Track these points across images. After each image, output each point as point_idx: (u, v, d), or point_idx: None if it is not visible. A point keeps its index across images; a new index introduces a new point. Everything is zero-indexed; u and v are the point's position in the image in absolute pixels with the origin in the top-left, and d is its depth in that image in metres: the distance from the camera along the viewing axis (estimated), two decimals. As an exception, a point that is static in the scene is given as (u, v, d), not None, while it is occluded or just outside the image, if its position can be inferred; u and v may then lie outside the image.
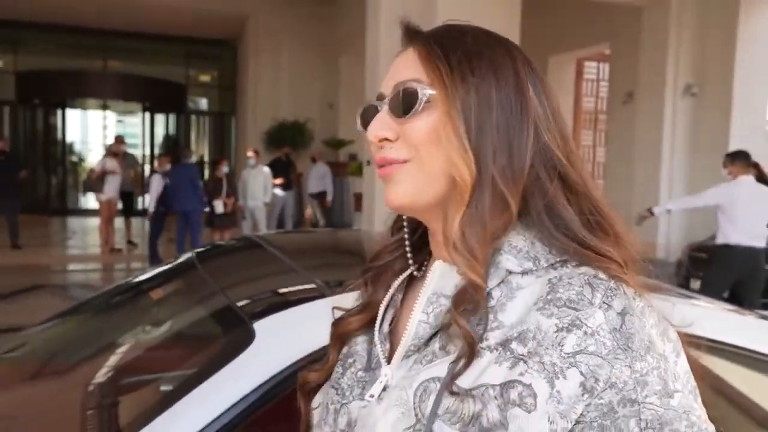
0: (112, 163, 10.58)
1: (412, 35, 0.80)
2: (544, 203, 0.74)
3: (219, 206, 9.49)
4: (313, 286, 1.52)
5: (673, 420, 0.67)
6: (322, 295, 1.33)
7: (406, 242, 0.85)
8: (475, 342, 0.69)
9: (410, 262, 0.85)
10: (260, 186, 10.52)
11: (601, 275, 0.71)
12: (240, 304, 1.44)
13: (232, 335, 1.34)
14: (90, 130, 20.73)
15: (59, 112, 17.35)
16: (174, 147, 16.65)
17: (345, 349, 0.86)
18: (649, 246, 6.18)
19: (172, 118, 18.26)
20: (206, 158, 18.25)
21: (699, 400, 0.72)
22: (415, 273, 0.84)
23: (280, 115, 14.50)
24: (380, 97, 0.79)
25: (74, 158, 18.82)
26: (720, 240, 5.87)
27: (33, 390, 1.84)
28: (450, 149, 0.72)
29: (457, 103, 0.72)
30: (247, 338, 1.22)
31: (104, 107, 18.53)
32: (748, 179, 5.87)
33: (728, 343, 1.55)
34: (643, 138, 10.35)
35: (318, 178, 12.65)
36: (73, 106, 18.26)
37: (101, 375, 1.74)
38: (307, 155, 13.78)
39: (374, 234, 3.47)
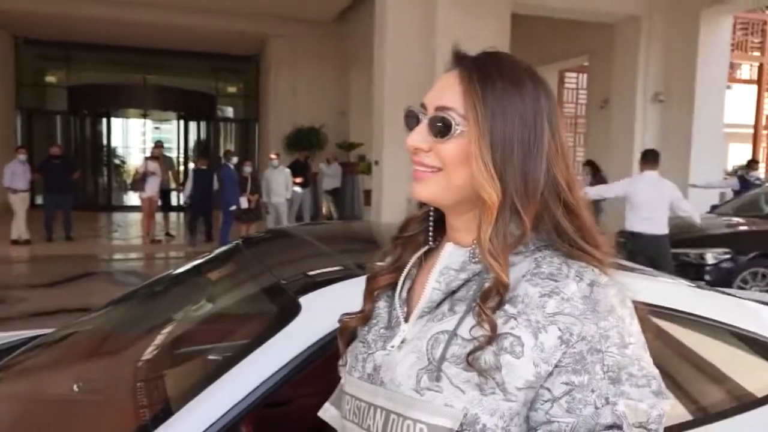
0: (153, 165, 10.69)
1: (458, 60, 0.84)
2: (552, 224, 0.82)
3: (243, 202, 9.60)
4: (341, 267, 1.62)
5: (627, 365, 0.77)
6: (354, 275, 1.42)
7: (430, 221, 0.92)
8: (496, 327, 0.77)
9: (430, 238, 0.92)
10: (282, 184, 10.61)
11: (575, 256, 0.81)
12: (285, 282, 1.53)
13: (281, 308, 1.43)
14: (131, 137, 20.81)
15: (104, 121, 17.41)
16: (206, 149, 16.77)
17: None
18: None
19: (203, 125, 18.29)
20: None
21: (648, 352, 0.81)
22: (431, 245, 0.92)
23: (297, 121, 14.57)
24: (423, 107, 0.85)
25: (117, 161, 18.90)
26: (626, 227, 5.87)
27: (101, 362, 1.94)
28: (479, 176, 0.78)
29: (487, 140, 0.79)
30: (295, 310, 1.32)
31: (144, 116, 18.62)
32: (650, 174, 5.87)
33: (675, 309, 1.67)
34: (618, 139, 10.39)
35: (332, 177, 12.81)
36: (116, 116, 18.32)
37: (163, 348, 1.83)
38: (322, 157, 13.86)
39: (382, 225, 3.58)
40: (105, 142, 17.54)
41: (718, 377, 1.88)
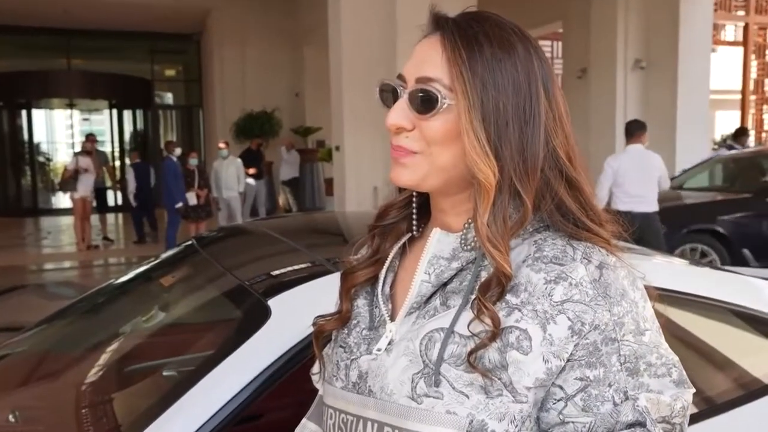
0: (86, 161, 10.43)
1: (438, 23, 0.81)
2: (555, 202, 0.80)
3: (192, 198, 9.45)
4: (311, 264, 1.59)
5: (645, 353, 0.76)
6: (327, 271, 1.40)
7: (414, 206, 0.90)
8: (500, 323, 0.74)
9: (414, 225, 0.89)
10: (233, 176, 10.46)
11: (581, 237, 0.79)
12: (251, 284, 1.50)
13: (248, 313, 1.40)
14: (56, 130, 20.30)
15: (24, 113, 16.92)
16: (144, 141, 16.49)
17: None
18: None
19: (139, 113, 17.93)
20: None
21: (663, 337, 0.81)
22: (415, 233, 0.89)
23: (247, 105, 14.39)
24: (401, 79, 0.82)
25: (42, 158, 18.43)
26: (612, 206, 5.92)
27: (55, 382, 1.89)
28: (473, 153, 0.76)
29: (479, 114, 0.76)
30: (263, 315, 1.29)
31: (70, 106, 18.15)
32: (635, 147, 5.95)
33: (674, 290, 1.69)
34: (598, 110, 10.56)
35: (290, 165, 12.73)
36: (38, 107, 17.84)
37: (110, 368, 1.78)
38: (276, 144, 13.73)
39: (349, 214, 3.57)
40: (26, 137, 17.06)
41: (722, 363, 1.92)
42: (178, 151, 9.87)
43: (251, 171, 11.57)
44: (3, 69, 15.95)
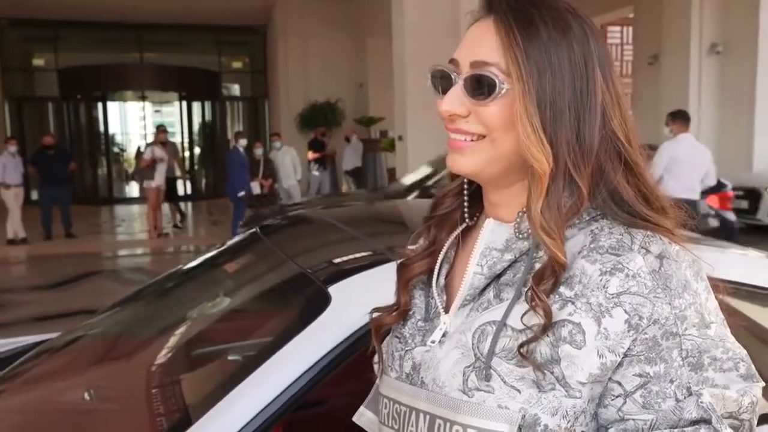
0: (160, 151, 10.78)
1: (491, 5, 0.78)
2: (609, 189, 0.77)
3: (256, 187, 9.68)
4: (372, 252, 1.60)
5: (710, 347, 0.73)
6: (388, 259, 1.40)
7: (465, 195, 0.88)
8: (551, 314, 0.73)
9: (466, 215, 0.88)
10: (290, 166, 10.72)
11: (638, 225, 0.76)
12: (312, 271, 1.52)
13: (308, 300, 1.42)
14: (129, 121, 21.05)
15: (100, 106, 17.62)
16: (212, 133, 16.89)
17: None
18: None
19: (207, 105, 18.42)
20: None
21: (729, 329, 0.77)
22: (468, 223, 0.88)
23: (311, 96, 14.57)
24: (454, 64, 0.79)
25: (116, 149, 19.14)
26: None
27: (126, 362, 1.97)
28: (526, 140, 0.74)
29: (533, 99, 0.74)
30: (324, 302, 1.31)
31: (142, 98, 18.80)
32: (688, 137, 6.06)
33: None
34: (670, 98, 10.18)
35: (355, 151, 12.86)
36: (112, 99, 18.53)
37: (179, 350, 1.85)
38: (339, 134, 13.87)
39: (411, 203, 3.57)
40: (102, 128, 17.77)
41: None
42: (243, 141, 10.11)
43: (315, 156, 11.81)
44: (79, 63, 16.64)
